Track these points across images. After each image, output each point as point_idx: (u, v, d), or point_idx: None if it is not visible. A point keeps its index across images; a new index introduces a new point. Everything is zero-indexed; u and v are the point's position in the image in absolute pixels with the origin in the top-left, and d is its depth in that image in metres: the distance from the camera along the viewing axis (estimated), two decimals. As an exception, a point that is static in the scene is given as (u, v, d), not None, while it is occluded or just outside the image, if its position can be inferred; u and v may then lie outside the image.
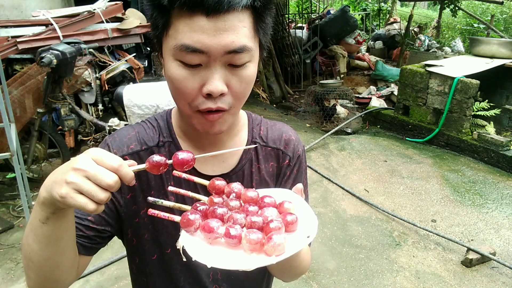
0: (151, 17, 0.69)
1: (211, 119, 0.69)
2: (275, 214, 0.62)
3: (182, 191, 0.68)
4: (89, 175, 0.54)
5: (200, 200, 0.67)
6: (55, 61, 2.91)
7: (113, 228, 0.80)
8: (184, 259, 0.58)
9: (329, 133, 5.15)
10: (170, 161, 0.61)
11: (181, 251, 0.58)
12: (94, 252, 0.79)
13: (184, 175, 0.68)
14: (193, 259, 0.54)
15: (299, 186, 0.69)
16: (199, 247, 0.58)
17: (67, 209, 0.61)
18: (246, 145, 0.85)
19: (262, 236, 0.57)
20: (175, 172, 0.69)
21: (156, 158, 0.59)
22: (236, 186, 0.68)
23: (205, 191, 0.71)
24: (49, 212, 0.59)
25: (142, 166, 0.59)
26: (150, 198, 0.64)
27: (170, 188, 0.69)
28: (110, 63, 3.83)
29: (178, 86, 0.67)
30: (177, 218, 0.62)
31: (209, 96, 0.66)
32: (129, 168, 0.57)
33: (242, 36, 0.64)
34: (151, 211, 0.62)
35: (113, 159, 0.56)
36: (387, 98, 7.07)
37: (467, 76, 4.56)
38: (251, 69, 0.69)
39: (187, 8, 0.61)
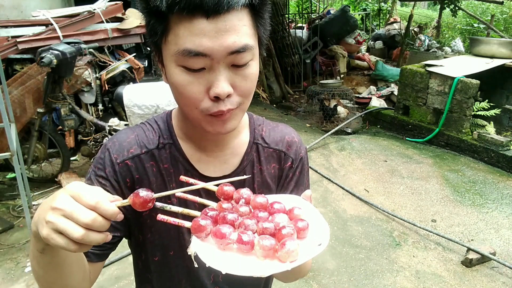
0: (148, 24, 0.68)
1: (223, 118, 0.68)
2: (286, 220, 0.62)
3: (190, 197, 0.67)
4: (66, 214, 0.52)
5: (208, 206, 0.67)
6: (55, 61, 2.91)
7: (122, 232, 0.80)
8: (196, 265, 0.58)
9: (329, 133, 5.15)
10: (156, 195, 0.58)
11: (192, 257, 0.57)
12: (106, 257, 0.81)
13: (192, 180, 0.67)
14: (207, 265, 0.54)
15: (308, 192, 0.69)
16: (212, 253, 0.57)
17: None
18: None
19: (275, 242, 0.57)
20: (182, 177, 0.68)
21: (142, 193, 0.56)
22: (245, 192, 0.67)
23: (209, 195, 0.70)
24: (44, 244, 0.59)
25: (126, 201, 0.56)
26: (158, 204, 0.63)
27: (178, 194, 0.68)
28: (110, 63, 3.83)
29: (183, 92, 0.66)
30: (187, 224, 0.61)
31: (216, 98, 0.65)
32: (110, 204, 0.54)
33: (243, 35, 0.64)
34: (160, 216, 0.61)
35: (90, 196, 0.53)
36: (387, 98, 7.07)
37: (467, 76, 4.56)
38: (254, 67, 0.69)
39: (187, 12, 0.60)
